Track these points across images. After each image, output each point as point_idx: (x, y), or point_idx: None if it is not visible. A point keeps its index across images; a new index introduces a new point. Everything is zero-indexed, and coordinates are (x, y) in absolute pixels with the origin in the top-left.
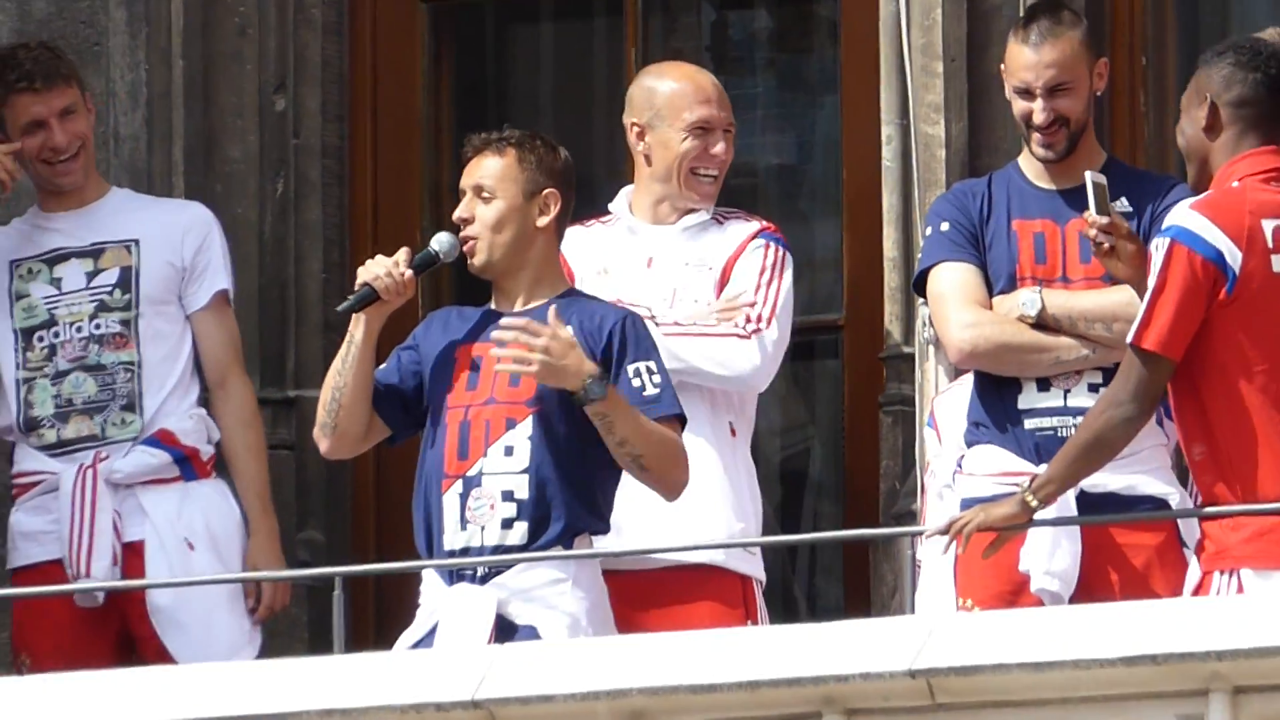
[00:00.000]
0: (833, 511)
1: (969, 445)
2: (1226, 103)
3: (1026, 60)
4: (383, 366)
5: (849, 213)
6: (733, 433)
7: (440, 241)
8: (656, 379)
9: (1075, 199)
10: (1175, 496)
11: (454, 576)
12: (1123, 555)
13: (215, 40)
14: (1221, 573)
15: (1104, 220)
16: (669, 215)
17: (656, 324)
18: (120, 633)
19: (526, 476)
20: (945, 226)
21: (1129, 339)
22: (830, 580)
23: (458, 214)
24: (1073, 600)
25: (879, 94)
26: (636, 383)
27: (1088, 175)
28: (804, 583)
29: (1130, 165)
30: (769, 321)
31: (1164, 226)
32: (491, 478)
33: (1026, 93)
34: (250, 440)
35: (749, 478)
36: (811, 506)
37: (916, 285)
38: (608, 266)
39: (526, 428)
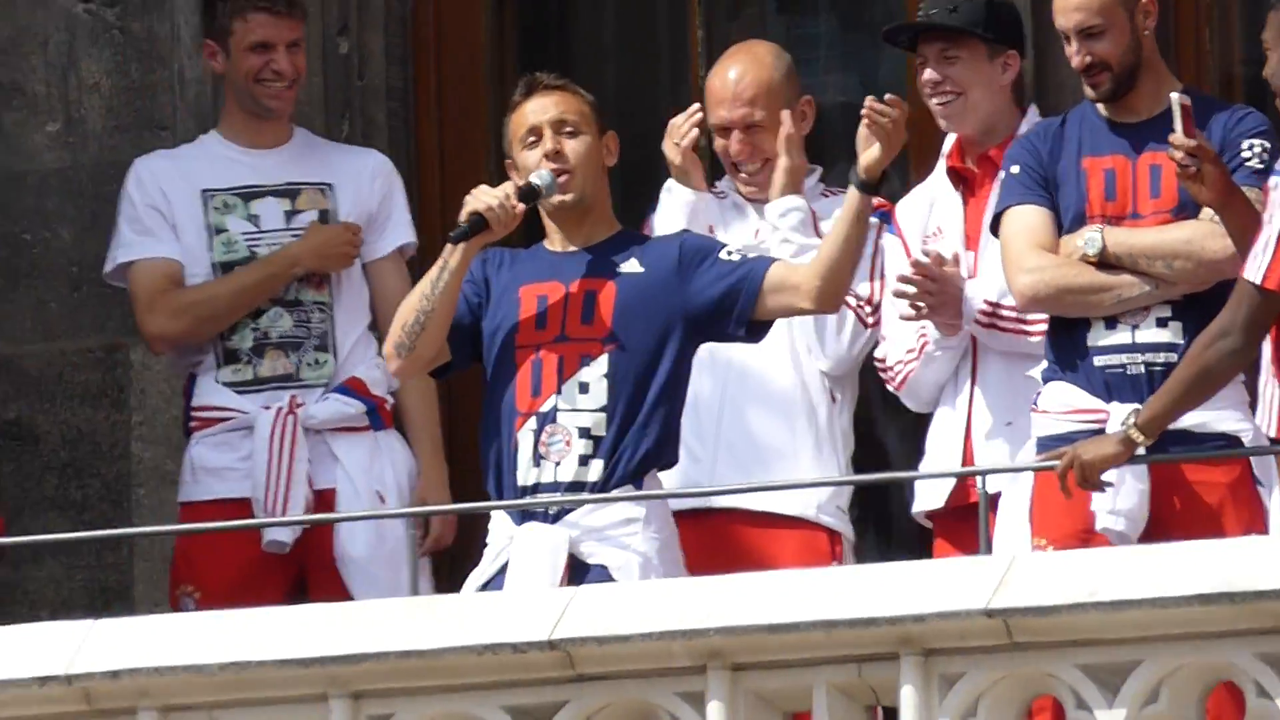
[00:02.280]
0: (906, 455)
1: (1044, 382)
2: None
3: (1058, 4)
4: None
5: (914, 151)
6: (833, 398)
7: (541, 176)
8: (744, 253)
9: (1146, 133)
10: (1249, 432)
11: (524, 515)
12: (1194, 493)
13: None
14: None
15: (1190, 143)
16: (766, 191)
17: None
18: (295, 578)
19: (604, 414)
20: (1016, 170)
21: (1246, 274)
22: (905, 523)
23: (549, 147)
24: (1145, 538)
25: None
26: (736, 258)
27: (1173, 96)
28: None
29: (1200, 92)
30: (878, 310)
31: None
32: (566, 414)
33: (1065, 36)
34: (423, 387)
35: (845, 444)
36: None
37: (992, 228)
38: (714, 225)
39: (601, 364)
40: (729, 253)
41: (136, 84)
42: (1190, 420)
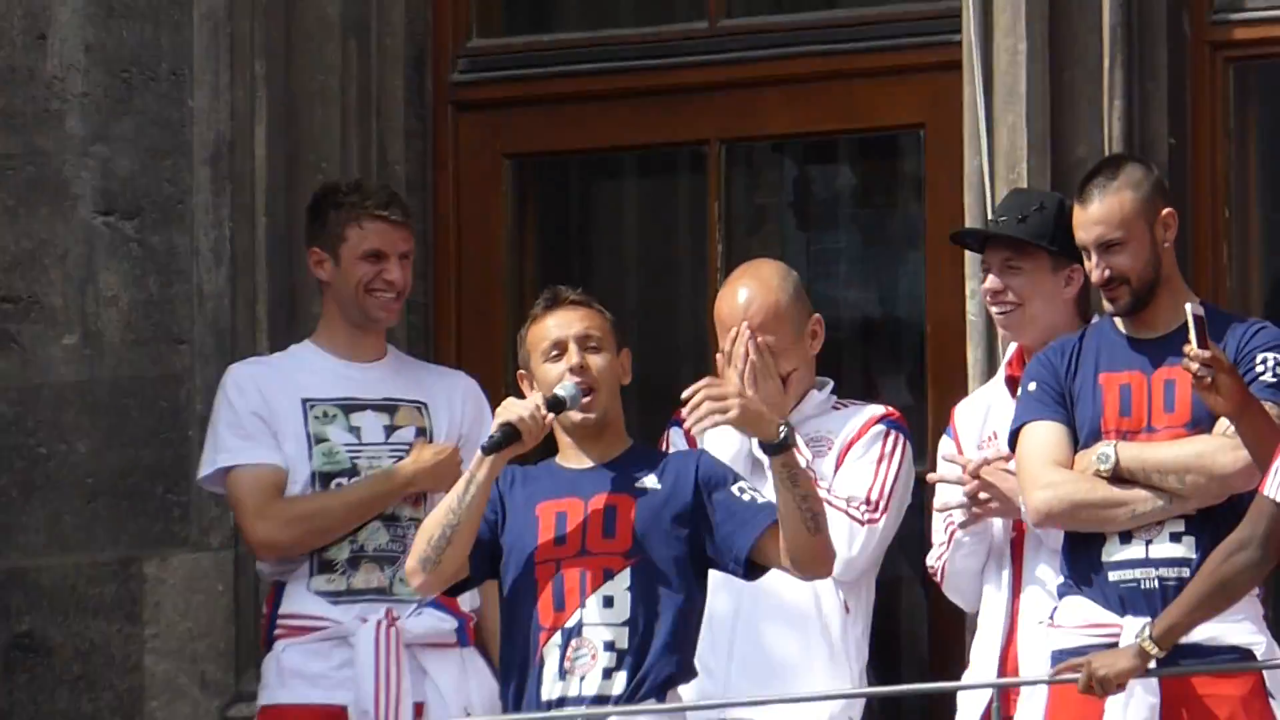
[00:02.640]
0: (918, 665)
1: (1059, 597)
2: None
3: (1079, 218)
4: None
5: (933, 367)
6: (846, 609)
7: (566, 389)
8: (757, 491)
9: (1162, 348)
10: (1262, 645)
11: None
12: (1204, 706)
13: (299, 197)
14: None
15: (1205, 354)
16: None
17: None
18: None
19: (627, 628)
20: (1033, 387)
21: (1267, 492)
22: None
23: (575, 361)
24: None
25: (964, 250)
26: (746, 498)
27: (1188, 307)
28: None
29: (1216, 307)
30: (883, 512)
31: None
32: (592, 628)
33: (1086, 250)
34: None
35: (859, 655)
36: (898, 660)
37: (1010, 444)
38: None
39: (624, 579)
40: (740, 489)
41: (154, 297)
42: (1202, 633)
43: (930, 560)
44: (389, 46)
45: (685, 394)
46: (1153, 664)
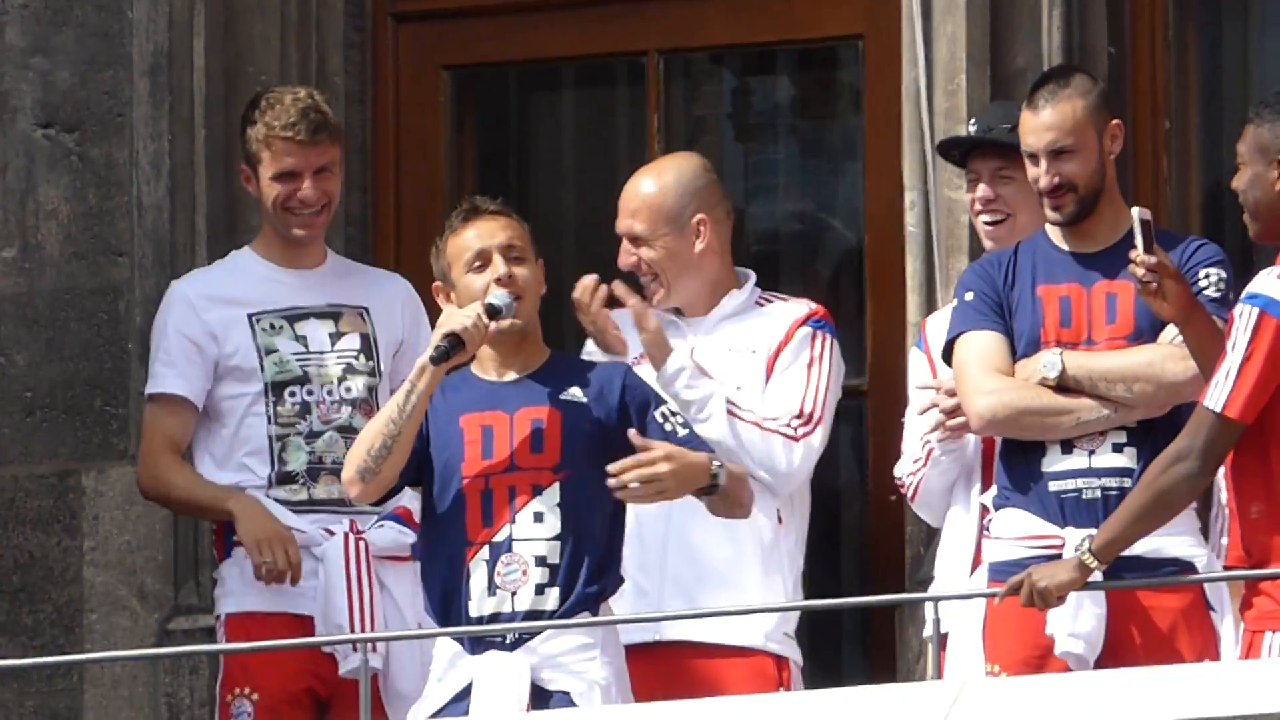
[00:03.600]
0: (857, 577)
1: (995, 509)
2: None
3: (1030, 123)
4: None
5: (872, 279)
6: (779, 519)
7: (500, 296)
8: (679, 418)
9: (1100, 262)
10: (1203, 558)
11: (479, 644)
12: (1148, 618)
13: (237, 110)
14: (1274, 632)
15: (1152, 260)
16: (702, 308)
17: (728, 401)
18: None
19: (558, 543)
20: (970, 296)
21: (1207, 402)
22: (855, 647)
23: (502, 270)
24: (1098, 664)
25: (901, 160)
26: (668, 427)
27: (1135, 212)
28: (829, 650)
29: (1156, 225)
30: (817, 423)
31: (1250, 293)
32: (522, 543)
33: (1033, 156)
34: None
35: (791, 566)
36: (838, 573)
37: (944, 356)
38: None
39: (554, 493)
40: (664, 415)
41: (94, 210)
42: (1143, 546)
43: (900, 473)
44: None
45: (612, 469)
46: (1097, 576)
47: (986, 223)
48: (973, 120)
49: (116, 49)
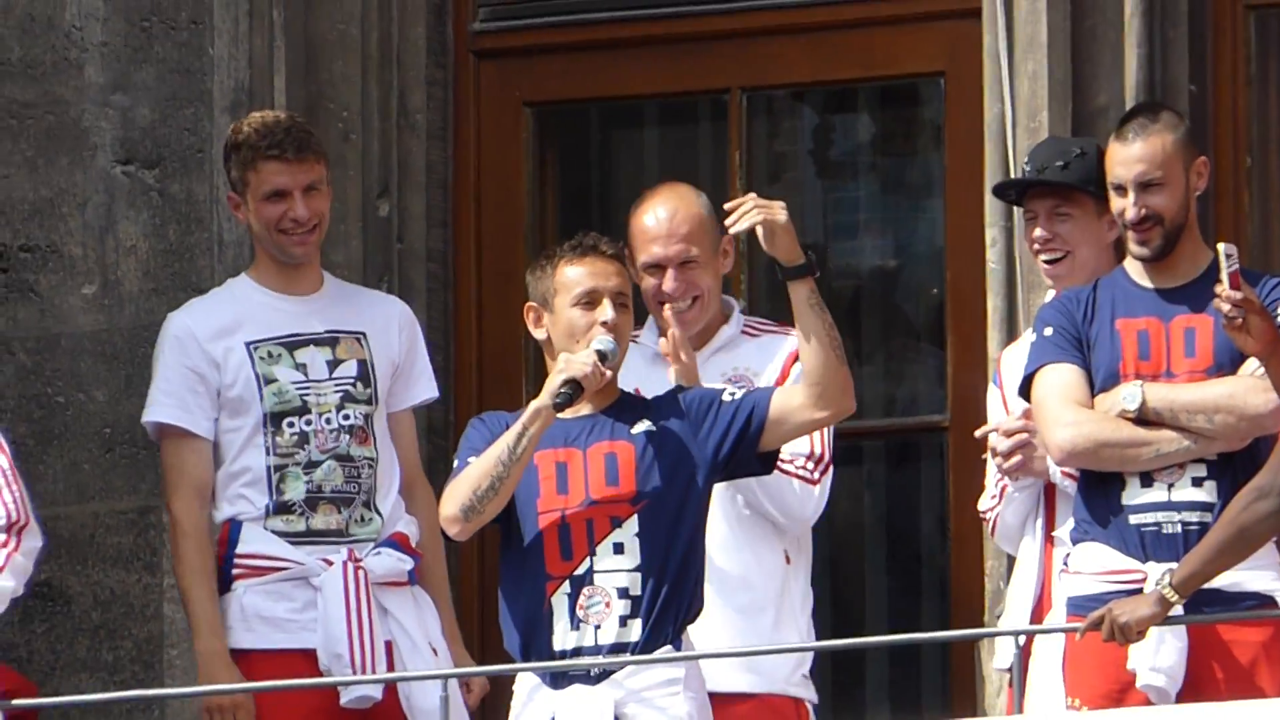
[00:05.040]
0: (939, 612)
1: (1074, 543)
2: None
3: (1119, 155)
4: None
5: (953, 315)
6: (787, 560)
7: (606, 343)
8: (738, 390)
9: (1180, 297)
10: None
11: (561, 679)
12: (1229, 652)
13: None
14: None
15: (1237, 295)
16: (694, 340)
17: None
18: None
19: (639, 574)
20: (1049, 331)
21: None
22: (935, 681)
23: (610, 317)
24: (1179, 698)
25: (983, 197)
26: (737, 398)
27: (1220, 247)
28: (911, 684)
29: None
30: (829, 464)
31: None
32: (604, 575)
33: (1120, 189)
34: (440, 547)
35: (804, 606)
36: (917, 608)
37: (1022, 392)
38: (640, 387)
39: (633, 524)
40: (730, 394)
41: (174, 246)
42: (1223, 580)
43: (981, 507)
44: None
45: (729, 205)
46: (1175, 610)
47: (1046, 261)
48: (1027, 159)
49: (197, 85)
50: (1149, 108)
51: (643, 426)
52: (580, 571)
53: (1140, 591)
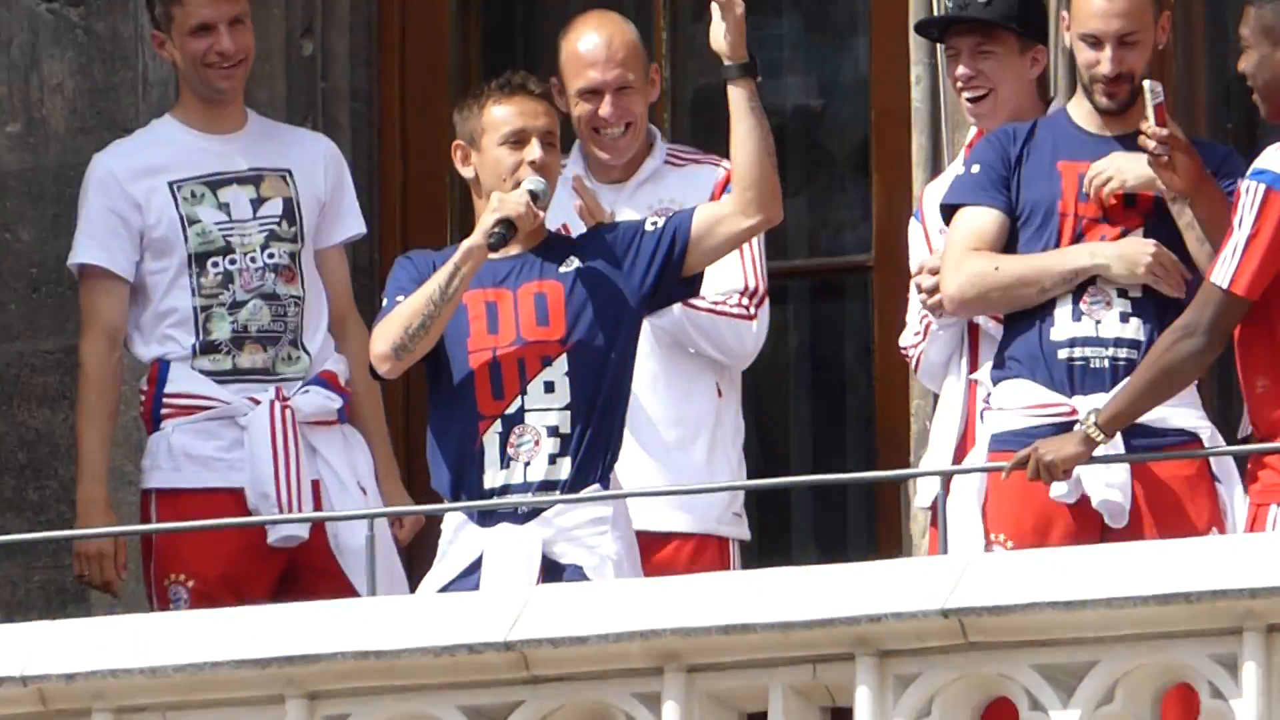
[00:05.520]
0: (864, 451)
1: (996, 381)
2: None
3: (1097, 8)
4: (404, 298)
5: (877, 153)
6: (719, 394)
7: (537, 183)
8: (659, 219)
9: (1128, 144)
10: (1207, 429)
11: (489, 517)
12: (1161, 485)
13: None
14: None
15: (1163, 131)
16: (620, 172)
17: None
18: (287, 565)
19: (569, 412)
20: (976, 169)
21: (1214, 278)
22: (862, 521)
23: (538, 156)
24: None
25: (908, 34)
26: (659, 225)
27: (1146, 84)
28: (836, 523)
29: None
30: (764, 296)
31: (1256, 169)
32: (534, 414)
33: (1095, 42)
34: (372, 383)
35: (735, 439)
36: (843, 446)
37: (945, 218)
38: (568, 223)
39: (563, 364)
40: (652, 223)
41: (100, 85)
42: (1150, 416)
43: (903, 343)
44: None
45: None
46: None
47: (969, 99)
48: None
49: None
50: None
51: (571, 265)
52: (511, 410)
53: (1070, 426)
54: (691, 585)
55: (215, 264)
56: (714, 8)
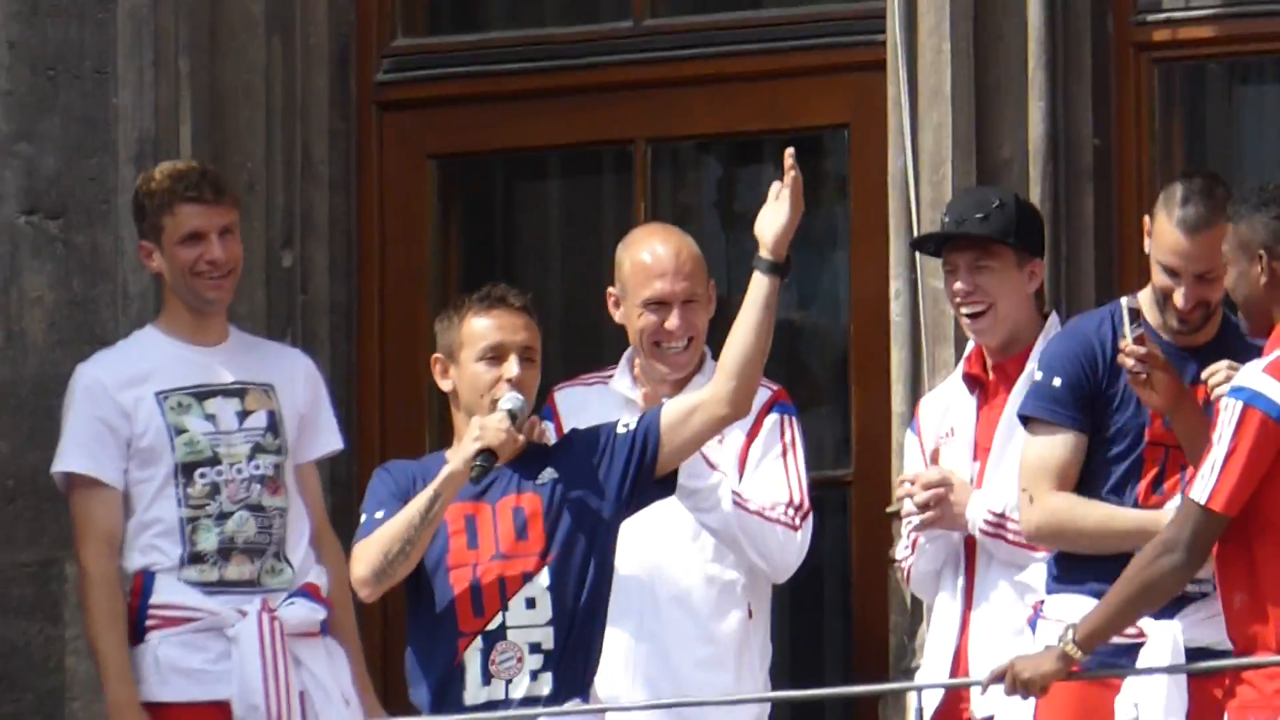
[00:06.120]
0: (842, 667)
1: (1050, 592)
2: None
3: (1180, 246)
4: (382, 515)
5: (856, 368)
6: (750, 614)
7: (515, 401)
8: (629, 422)
9: (1201, 355)
10: None
11: None
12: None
13: None
14: None
15: (1140, 350)
16: (670, 388)
17: (734, 492)
18: None
19: (551, 628)
20: (1057, 383)
21: (1193, 495)
22: None
23: (515, 374)
24: None
25: (888, 249)
26: (630, 428)
27: (1123, 301)
28: None
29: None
30: (809, 511)
31: (1236, 387)
32: (516, 630)
33: (1172, 273)
34: (349, 597)
35: (763, 662)
36: (820, 663)
37: (1023, 420)
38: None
39: (544, 578)
40: (624, 425)
41: (79, 298)
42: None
43: (897, 555)
44: (313, 45)
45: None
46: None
47: (967, 315)
48: (945, 211)
49: (102, 135)
50: (1203, 189)
51: (547, 477)
52: (493, 627)
53: (1136, 649)
54: None
55: (203, 474)
56: (776, 191)
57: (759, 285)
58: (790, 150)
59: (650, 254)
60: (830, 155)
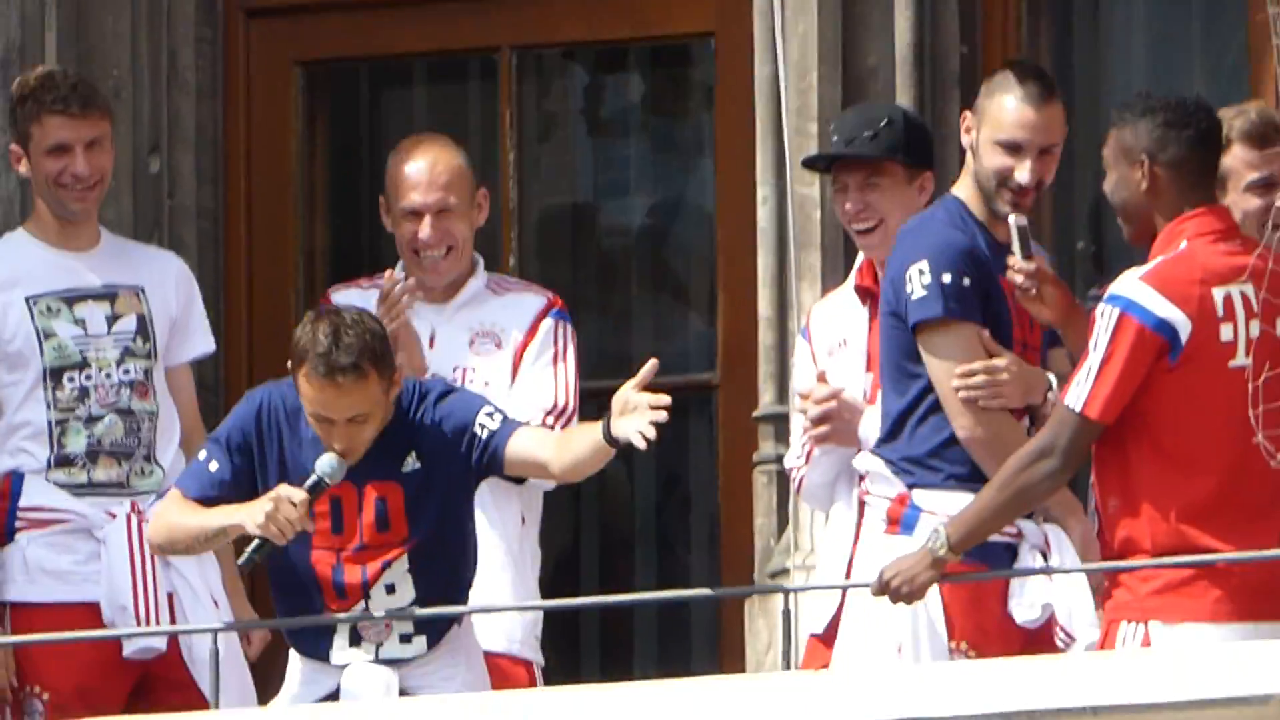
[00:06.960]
0: (708, 569)
1: (925, 486)
2: (1163, 162)
3: (1026, 118)
4: (215, 468)
5: (723, 273)
6: (522, 521)
7: (327, 466)
8: (496, 414)
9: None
10: None
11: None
12: None
13: None
14: (1129, 622)
15: (1030, 266)
16: (441, 294)
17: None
18: (141, 676)
19: (416, 605)
20: (967, 282)
21: (1068, 401)
22: (703, 638)
23: (339, 446)
24: None
25: (754, 156)
26: (491, 427)
27: (1012, 219)
28: (680, 641)
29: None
30: (572, 415)
31: (1112, 293)
32: (381, 610)
33: (1015, 149)
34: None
35: (534, 567)
36: (686, 565)
37: (914, 325)
38: (465, 366)
39: (403, 563)
40: (481, 425)
41: None
42: None
43: (788, 463)
44: None
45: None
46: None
47: (858, 230)
48: (833, 129)
49: None
50: (1035, 70)
51: (411, 464)
52: (358, 609)
53: (1015, 547)
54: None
55: (71, 379)
56: (633, 402)
57: (598, 442)
58: (666, 400)
59: (410, 165)
60: (697, 64)
